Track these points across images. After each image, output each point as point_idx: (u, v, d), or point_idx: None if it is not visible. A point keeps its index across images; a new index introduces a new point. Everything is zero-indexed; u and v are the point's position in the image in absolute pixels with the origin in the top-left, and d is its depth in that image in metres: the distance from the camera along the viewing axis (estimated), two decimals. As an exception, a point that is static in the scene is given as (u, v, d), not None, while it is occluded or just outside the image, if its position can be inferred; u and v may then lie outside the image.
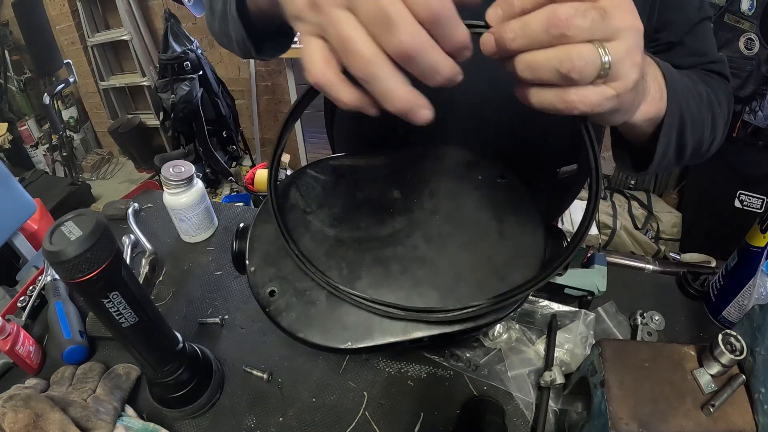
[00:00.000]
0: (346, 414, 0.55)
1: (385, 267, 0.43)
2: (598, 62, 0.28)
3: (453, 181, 0.50)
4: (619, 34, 0.29)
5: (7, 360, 0.59)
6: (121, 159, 3.20)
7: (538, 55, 0.29)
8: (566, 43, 0.28)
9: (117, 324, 0.42)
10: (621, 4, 0.29)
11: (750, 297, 0.57)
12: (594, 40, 0.28)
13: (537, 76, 0.29)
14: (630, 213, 2.01)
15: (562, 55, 0.28)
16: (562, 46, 0.28)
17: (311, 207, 0.48)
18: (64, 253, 0.35)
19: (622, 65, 0.29)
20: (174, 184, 0.71)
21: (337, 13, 0.28)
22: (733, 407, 0.40)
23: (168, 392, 0.52)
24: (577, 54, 0.28)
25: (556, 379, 0.52)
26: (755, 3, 1.71)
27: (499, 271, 0.43)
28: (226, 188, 2.46)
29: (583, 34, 0.28)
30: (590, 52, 0.28)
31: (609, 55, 0.28)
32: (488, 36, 0.30)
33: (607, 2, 0.28)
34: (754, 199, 1.88)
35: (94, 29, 2.67)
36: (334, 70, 0.30)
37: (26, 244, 1.28)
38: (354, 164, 0.52)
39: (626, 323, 0.62)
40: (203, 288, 0.71)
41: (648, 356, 0.44)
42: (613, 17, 0.28)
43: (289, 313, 0.41)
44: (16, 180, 1.24)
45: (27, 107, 2.92)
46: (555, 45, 0.28)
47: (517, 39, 0.29)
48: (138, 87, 2.87)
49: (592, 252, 0.64)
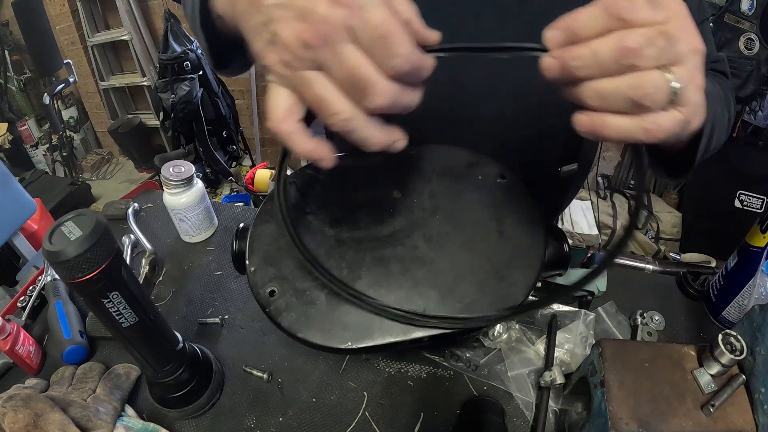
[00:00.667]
0: (346, 414, 0.55)
1: (385, 267, 0.43)
2: (668, 88, 0.28)
3: (453, 181, 0.50)
4: (685, 58, 0.28)
5: (7, 360, 0.59)
6: (121, 159, 3.20)
7: (608, 84, 0.28)
8: (635, 71, 0.28)
9: (117, 324, 0.42)
10: (685, 26, 0.29)
11: (750, 297, 0.57)
12: (661, 66, 0.28)
13: (607, 104, 0.29)
14: (630, 213, 2.01)
15: (633, 83, 0.28)
16: (632, 74, 0.28)
17: (311, 207, 0.48)
18: (64, 253, 0.35)
19: (688, 89, 0.29)
20: (174, 184, 0.71)
21: (310, 75, 0.29)
22: (733, 407, 0.40)
23: (168, 392, 0.52)
24: (648, 81, 0.28)
25: (556, 379, 0.52)
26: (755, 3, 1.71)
27: (499, 271, 0.43)
28: (226, 188, 2.46)
29: (652, 62, 0.28)
30: (659, 79, 0.28)
31: (676, 77, 0.28)
32: (552, 61, 0.29)
33: (672, 26, 0.28)
34: (754, 199, 1.88)
35: (94, 29, 2.67)
36: (294, 122, 0.31)
37: (26, 244, 1.28)
38: (354, 164, 0.52)
39: (626, 323, 0.62)
40: (203, 288, 0.71)
41: (648, 356, 0.44)
42: (678, 41, 0.28)
43: (289, 313, 0.41)
44: (16, 180, 1.24)
45: (27, 107, 2.92)
46: (623, 73, 0.28)
47: (586, 68, 0.28)
48: (138, 87, 2.87)
49: (592, 252, 0.64)
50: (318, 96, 0.29)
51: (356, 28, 0.27)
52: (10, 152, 2.73)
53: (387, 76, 0.28)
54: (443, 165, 0.51)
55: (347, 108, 0.29)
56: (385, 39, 0.27)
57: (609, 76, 0.28)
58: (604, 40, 0.28)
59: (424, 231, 0.46)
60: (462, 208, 0.47)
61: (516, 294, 0.43)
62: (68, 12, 2.61)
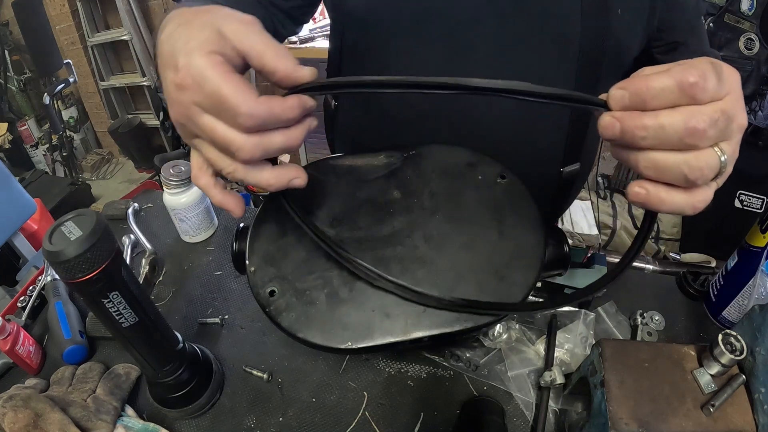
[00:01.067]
0: (346, 414, 0.55)
1: (385, 267, 0.43)
2: (718, 166, 0.29)
3: (453, 181, 0.50)
4: (734, 135, 0.29)
5: (7, 360, 0.59)
6: (121, 159, 3.20)
7: (668, 159, 0.28)
8: (695, 149, 0.28)
9: (117, 324, 0.42)
10: (739, 103, 0.29)
11: (750, 297, 0.57)
12: (714, 144, 0.29)
13: (660, 176, 0.29)
14: (630, 213, 2.01)
15: (692, 162, 0.28)
16: (691, 152, 0.28)
17: (311, 207, 0.48)
18: (64, 253, 0.35)
19: (730, 163, 0.29)
20: (174, 184, 0.71)
21: (197, 142, 0.35)
22: (733, 407, 0.40)
23: (168, 392, 0.52)
24: (704, 161, 0.28)
25: (556, 379, 0.52)
26: (755, 3, 1.71)
27: (499, 271, 0.43)
28: (226, 188, 2.46)
29: (712, 141, 0.28)
30: (714, 159, 0.28)
31: (725, 156, 0.29)
32: (613, 122, 0.29)
33: (729, 104, 0.28)
34: (754, 199, 1.88)
35: (94, 29, 2.67)
36: (207, 177, 0.37)
37: (26, 244, 1.28)
38: (354, 164, 0.52)
39: (626, 323, 0.62)
40: (203, 288, 0.71)
41: (648, 356, 0.44)
42: (734, 120, 0.28)
43: (289, 313, 0.41)
44: (16, 180, 1.24)
45: (27, 107, 2.92)
46: (682, 150, 0.28)
47: (649, 139, 0.28)
48: (138, 87, 2.87)
49: (592, 252, 0.64)
50: (207, 158, 0.34)
51: (200, 102, 0.31)
52: (10, 152, 2.72)
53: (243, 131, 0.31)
54: (443, 165, 0.51)
55: (228, 163, 0.33)
56: (222, 103, 0.30)
57: (668, 149, 0.28)
58: (673, 117, 0.27)
59: (424, 231, 0.46)
60: (462, 208, 0.47)
61: (516, 294, 0.43)
62: (68, 12, 2.61)
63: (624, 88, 0.29)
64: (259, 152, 0.32)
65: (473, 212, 0.47)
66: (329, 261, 0.44)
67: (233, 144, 0.31)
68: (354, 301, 0.42)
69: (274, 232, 0.46)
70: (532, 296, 0.63)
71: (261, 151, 0.32)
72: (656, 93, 0.28)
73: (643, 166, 0.30)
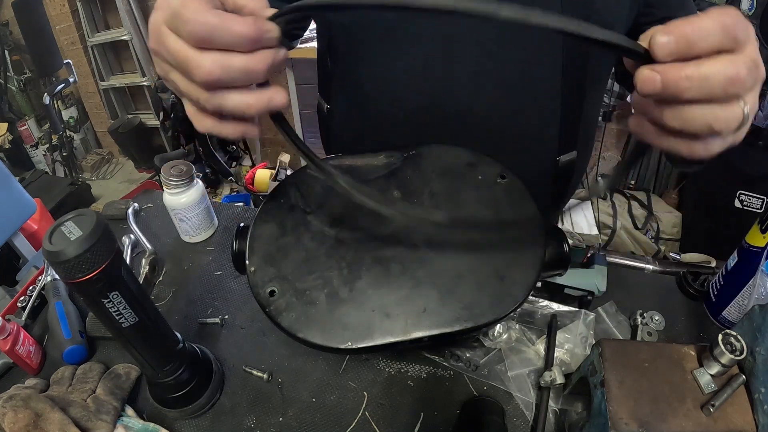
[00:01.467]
0: (346, 414, 0.55)
1: (385, 267, 0.43)
2: (742, 118, 0.28)
3: (453, 181, 0.50)
4: (757, 85, 0.28)
5: (7, 360, 0.59)
6: (121, 159, 3.20)
7: (696, 111, 0.27)
8: (733, 100, 0.27)
9: (117, 324, 0.42)
10: (758, 53, 0.28)
11: (750, 297, 0.57)
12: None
13: (686, 128, 0.28)
14: (630, 213, 2.01)
15: (720, 115, 0.27)
16: (720, 104, 0.27)
17: (311, 207, 0.48)
18: (64, 253, 0.35)
19: (751, 114, 0.29)
20: (174, 184, 0.71)
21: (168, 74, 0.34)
22: (733, 407, 0.40)
23: (168, 392, 0.52)
24: (731, 111, 0.27)
25: (556, 379, 0.52)
26: (755, 3, 1.71)
27: (499, 271, 0.43)
28: (226, 188, 2.46)
29: (747, 91, 0.27)
30: (739, 111, 0.27)
31: (747, 106, 0.28)
32: (653, 75, 0.27)
33: (755, 53, 0.27)
34: (754, 199, 1.87)
35: (94, 29, 2.67)
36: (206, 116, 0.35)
37: (26, 244, 1.28)
38: (354, 164, 0.52)
39: (626, 323, 0.62)
40: (203, 288, 0.71)
41: (648, 356, 0.44)
42: (759, 68, 0.28)
43: (289, 313, 0.41)
44: (16, 180, 1.24)
45: (27, 107, 2.92)
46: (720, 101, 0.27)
47: (693, 91, 0.26)
48: (138, 87, 2.87)
49: (592, 252, 0.63)
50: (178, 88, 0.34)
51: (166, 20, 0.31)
52: (10, 152, 2.73)
53: (195, 44, 0.30)
54: (443, 165, 0.51)
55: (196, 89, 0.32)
56: (179, 15, 0.30)
57: (704, 101, 0.27)
58: (716, 66, 0.26)
59: (424, 231, 0.46)
60: (462, 208, 0.47)
61: (516, 294, 0.43)
62: (68, 12, 2.61)
63: (669, 33, 0.26)
64: (218, 69, 0.30)
65: (473, 212, 0.47)
66: (329, 261, 0.44)
67: (190, 61, 0.30)
68: (354, 301, 0.42)
69: (274, 232, 0.46)
70: (532, 296, 0.63)
71: (219, 68, 0.30)
72: (704, 35, 0.26)
73: (669, 118, 0.28)
